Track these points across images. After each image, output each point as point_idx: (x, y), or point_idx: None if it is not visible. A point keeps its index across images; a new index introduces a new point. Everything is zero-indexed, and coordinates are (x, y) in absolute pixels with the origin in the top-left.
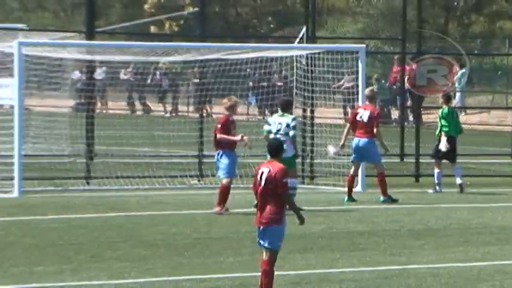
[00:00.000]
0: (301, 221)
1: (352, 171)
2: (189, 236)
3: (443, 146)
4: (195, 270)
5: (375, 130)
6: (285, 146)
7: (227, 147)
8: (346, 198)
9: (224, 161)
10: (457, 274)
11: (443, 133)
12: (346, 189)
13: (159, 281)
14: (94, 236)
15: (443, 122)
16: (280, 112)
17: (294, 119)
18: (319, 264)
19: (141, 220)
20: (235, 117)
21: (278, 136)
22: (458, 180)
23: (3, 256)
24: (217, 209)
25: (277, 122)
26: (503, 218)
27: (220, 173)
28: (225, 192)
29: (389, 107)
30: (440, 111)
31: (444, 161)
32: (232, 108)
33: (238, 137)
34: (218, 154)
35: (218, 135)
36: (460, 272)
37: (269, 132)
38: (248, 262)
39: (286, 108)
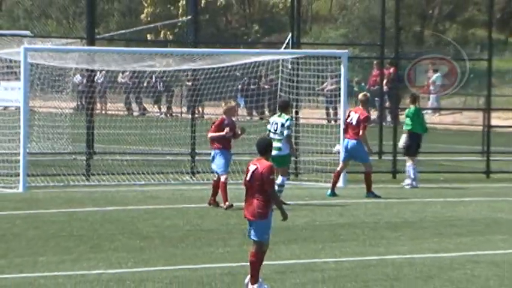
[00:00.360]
0: (284, 217)
1: (339, 167)
2: (182, 228)
3: (401, 142)
4: (187, 260)
5: (360, 132)
6: (281, 144)
7: (223, 146)
8: (329, 192)
9: (220, 161)
10: (431, 263)
11: (406, 130)
12: (330, 184)
13: (154, 271)
14: (93, 229)
15: (407, 120)
16: (278, 112)
17: (288, 119)
18: (303, 254)
19: (137, 214)
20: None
21: (275, 135)
22: (409, 179)
23: (8, 247)
24: (227, 204)
25: (274, 122)
26: (474, 211)
27: (218, 170)
28: (225, 188)
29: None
30: (407, 110)
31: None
32: (228, 112)
33: (223, 132)
34: (214, 152)
35: (209, 134)
36: (434, 262)
37: (269, 131)
38: (237, 252)
39: (284, 108)
